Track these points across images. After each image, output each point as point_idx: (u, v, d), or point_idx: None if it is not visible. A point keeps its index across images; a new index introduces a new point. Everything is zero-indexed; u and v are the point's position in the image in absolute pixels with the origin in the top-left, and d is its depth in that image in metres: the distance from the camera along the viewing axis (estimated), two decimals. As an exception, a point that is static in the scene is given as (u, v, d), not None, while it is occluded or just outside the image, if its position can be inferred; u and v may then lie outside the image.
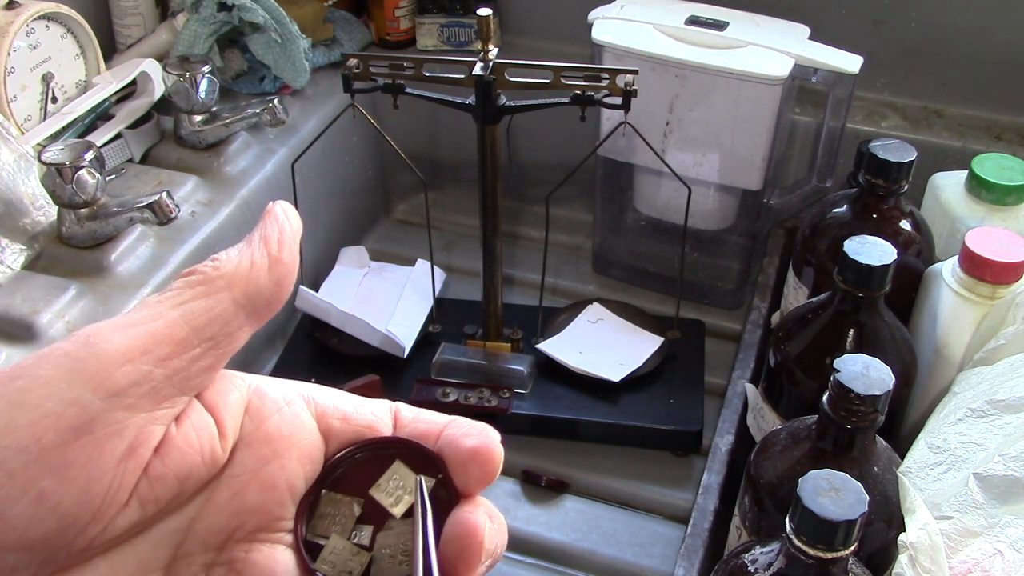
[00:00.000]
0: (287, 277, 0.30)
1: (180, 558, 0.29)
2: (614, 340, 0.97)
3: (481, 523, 0.29)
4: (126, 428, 0.26)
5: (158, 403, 0.27)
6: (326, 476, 0.31)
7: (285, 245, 0.30)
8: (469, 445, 0.30)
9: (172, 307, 0.28)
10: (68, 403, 0.26)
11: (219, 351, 0.28)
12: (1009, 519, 0.53)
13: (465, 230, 1.20)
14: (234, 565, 0.29)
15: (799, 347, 0.71)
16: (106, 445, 0.26)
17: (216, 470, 0.29)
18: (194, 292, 0.28)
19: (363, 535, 0.31)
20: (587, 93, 0.80)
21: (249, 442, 0.30)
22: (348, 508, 0.31)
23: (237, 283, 0.29)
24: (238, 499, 0.29)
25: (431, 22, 1.14)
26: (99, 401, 0.26)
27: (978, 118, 1.04)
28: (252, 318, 0.29)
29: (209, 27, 0.98)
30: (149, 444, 0.27)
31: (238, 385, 0.30)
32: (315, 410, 0.31)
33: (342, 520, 0.31)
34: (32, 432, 0.25)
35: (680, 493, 0.89)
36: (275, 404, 0.30)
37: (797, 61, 0.89)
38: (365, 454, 0.31)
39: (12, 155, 0.80)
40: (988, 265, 0.70)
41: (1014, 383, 0.60)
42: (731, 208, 1.02)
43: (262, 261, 0.29)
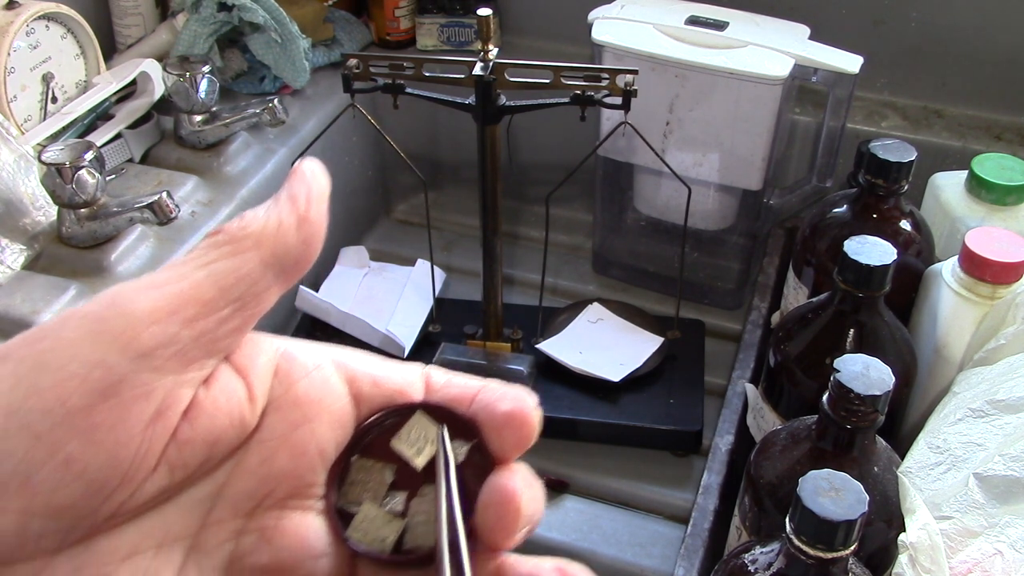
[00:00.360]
0: (315, 236, 0.29)
1: (209, 525, 0.28)
2: (614, 340, 0.97)
3: (519, 489, 0.28)
4: (154, 391, 0.26)
5: (186, 366, 0.26)
6: (357, 442, 0.30)
7: (313, 203, 0.29)
8: (504, 409, 0.29)
9: (198, 267, 0.27)
10: (93, 365, 0.25)
11: (247, 312, 0.28)
12: (1009, 519, 0.53)
13: (465, 230, 1.20)
14: (264, 533, 0.28)
15: (799, 347, 0.71)
16: (133, 408, 0.25)
17: (245, 435, 0.28)
18: (221, 252, 0.27)
19: (396, 502, 0.30)
20: (587, 93, 0.80)
21: (278, 406, 0.29)
22: (380, 474, 0.30)
23: (265, 242, 0.28)
24: (268, 465, 0.28)
25: (431, 22, 1.14)
26: (126, 363, 0.25)
27: (978, 118, 1.04)
28: (280, 278, 0.28)
29: (209, 27, 0.98)
30: (177, 408, 0.26)
31: (266, 348, 0.29)
32: (345, 374, 0.30)
33: (374, 487, 0.30)
34: (57, 394, 0.25)
35: (680, 493, 0.89)
36: (304, 368, 0.29)
37: (797, 61, 0.89)
38: (396, 419, 0.30)
39: (12, 155, 0.80)
40: (988, 265, 0.70)
41: (1014, 383, 0.60)
42: (731, 208, 1.02)
43: (290, 220, 0.28)
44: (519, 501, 0.28)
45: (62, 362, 0.25)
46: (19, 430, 0.24)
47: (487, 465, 0.29)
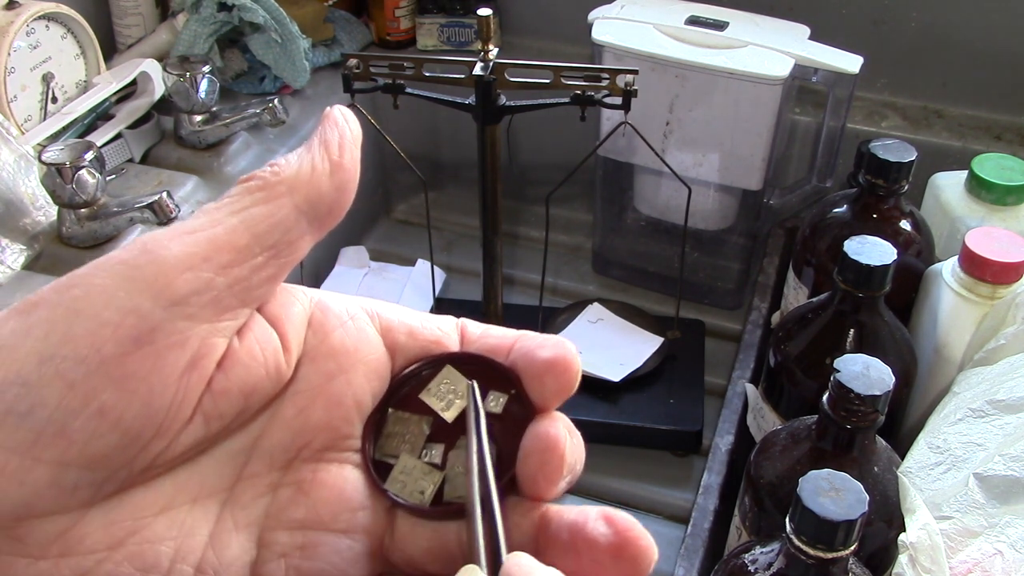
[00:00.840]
0: (349, 183, 0.29)
1: (246, 478, 0.28)
2: (614, 340, 0.97)
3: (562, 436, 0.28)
4: (188, 339, 0.25)
5: (220, 314, 0.26)
6: (393, 393, 0.29)
7: (346, 149, 0.29)
8: (544, 356, 0.28)
9: (231, 213, 0.26)
10: (127, 312, 0.24)
11: (281, 260, 0.27)
12: (1009, 519, 0.53)
13: (465, 230, 1.20)
14: (302, 485, 0.28)
15: (799, 347, 0.71)
16: (168, 356, 0.25)
17: (280, 385, 0.28)
18: (254, 198, 0.27)
19: (434, 453, 0.29)
20: (587, 93, 0.80)
21: (313, 357, 0.28)
22: (417, 426, 0.29)
23: (298, 188, 0.27)
24: (304, 416, 0.28)
25: (431, 22, 1.14)
26: (159, 310, 0.25)
27: (978, 118, 1.04)
28: (314, 225, 0.28)
29: (209, 27, 0.98)
30: (212, 356, 0.26)
31: (300, 298, 0.29)
32: (380, 325, 0.30)
33: (411, 439, 0.29)
34: (91, 342, 0.24)
35: (680, 493, 0.89)
36: (339, 318, 0.29)
37: (797, 61, 0.89)
38: (432, 370, 0.30)
39: (12, 155, 0.80)
40: (988, 265, 0.70)
41: (1014, 383, 0.60)
42: (731, 208, 1.02)
43: (323, 166, 0.28)
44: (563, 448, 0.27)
45: (95, 309, 0.24)
46: (53, 378, 0.24)
47: (527, 415, 0.29)
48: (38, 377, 0.24)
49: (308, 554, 0.27)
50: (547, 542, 0.27)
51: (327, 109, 0.30)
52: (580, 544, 0.27)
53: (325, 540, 0.27)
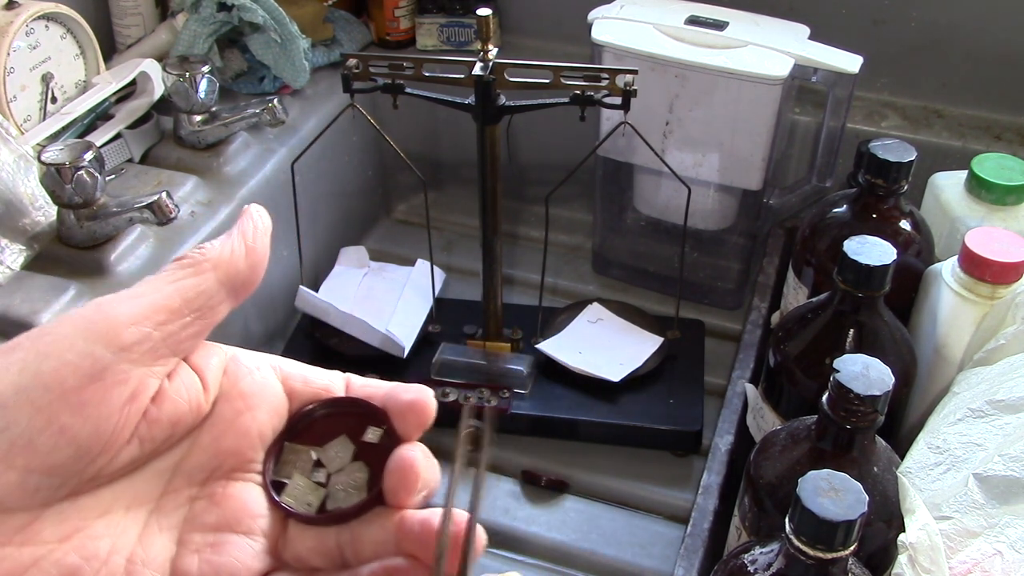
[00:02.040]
0: (260, 264, 0.36)
1: (169, 492, 0.35)
2: (614, 340, 0.97)
3: (417, 458, 0.35)
4: (130, 378, 0.32)
5: (155, 360, 0.33)
6: (289, 429, 0.37)
7: (259, 237, 0.36)
8: (407, 399, 0.36)
9: (168, 283, 0.34)
10: (84, 355, 0.32)
11: (205, 321, 0.34)
12: (1009, 519, 0.53)
13: (465, 230, 1.20)
14: (214, 498, 0.35)
15: (799, 347, 0.71)
16: (114, 391, 0.32)
17: (200, 418, 0.35)
18: (185, 272, 0.34)
19: (320, 476, 0.37)
20: (587, 93, 0.80)
21: (227, 397, 0.36)
22: (307, 455, 0.37)
23: (220, 266, 0.35)
24: (217, 443, 0.35)
25: (431, 22, 1.14)
26: (109, 355, 0.32)
27: (978, 118, 1.04)
28: (231, 295, 0.35)
29: (209, 27, 0.98)
30: (147, 393, 0.33)
31: (218, 352, 0.36)
32: (280, 374, 0.37)
33: (302, 464, 0.37)
34: (55, 377, 0.31)
35: (680, 493, 0.89)
36: (248, 368, 0.36)
37: (797, 61, 0.89)
38: (323, 411, 0.37)
39: (12, 155, 0.80)
40: (988, 265, 0.70)
41: (1014, 383, 0.60)
42: (731, 208, 1.02)
43: (240, 250, 0.35)
44: (417, 467, 0.35)
45: (60, 352, 0.31)
46: (25, 404, 0.31)
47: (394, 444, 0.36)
48: (14, 402, 0.31)
49: (217, 551, 0.34)
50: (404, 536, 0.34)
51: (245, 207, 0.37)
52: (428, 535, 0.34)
53: (231, 540, 0.34)
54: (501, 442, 0.94)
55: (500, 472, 0.92)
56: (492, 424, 0.37)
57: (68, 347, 0.31)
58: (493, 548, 0.86)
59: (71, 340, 0.32)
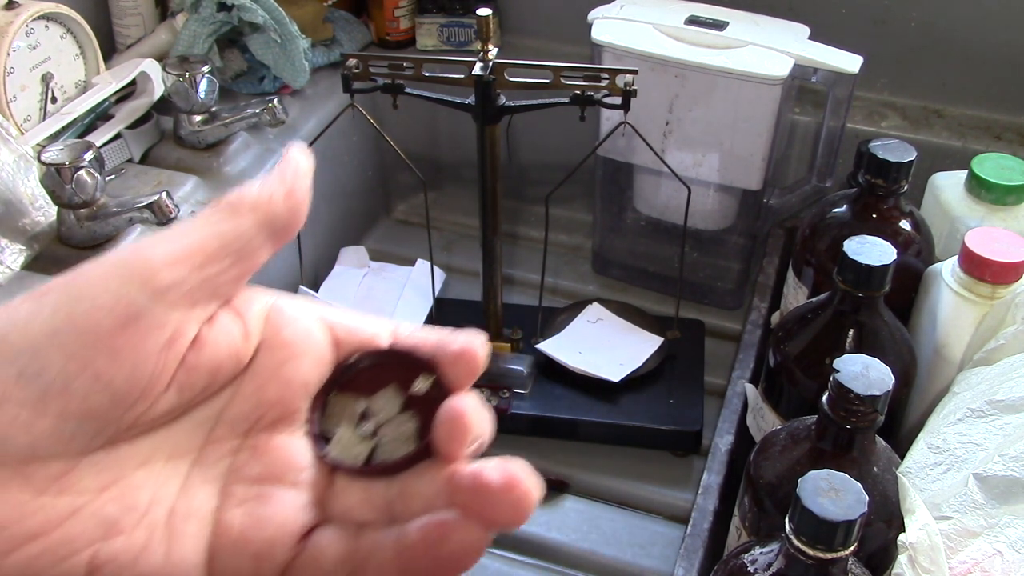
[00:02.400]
0: (300, 206, 0.34)
1: (211, 442, 0.34)
2: (614, 340, 0.97)
3: (468, 408, 0.33)
4: (167, 323, 0.31)
5: (193, 304, 0.32)
6: (335, 380, 0.35)
7: (299, 179, 0.35)
8: (456, 347, 0.35)
9: (205, 226, 0.33)
10: (119, 298, 0.30)
11: (244, 265, 0.33)
12: (1009, 519, 0.53)
13: (465, 230, 1.20)
14: (257, 449, 0.34)
15: (799, 347, 0.71)
16: (150, 335, 0.31)
17: (241, 367, 0.34)
18: (223, 215, 0.33)
19: (367, 427, 0.35)
20: (587, 93, 0.80)
21: (269, 346, 0.34)
22: (354, 406, 0.35)
23: (259, 208, 0.33)
24: (260, 393, 0.34)
25: (431, 22, 1.14)
26: (145, 298, 0.31)
27: (978, 118, 1.04)
28: (271, 239, 0.34)
29: (209, 27, 0.98)
30: (186, 338, 0.32)
31: (260, 299, 0.35)
32: (325, 323, 0.36)
33: (349, 416, 0.35)
34: (89, 321, 0.30)
35: (680, 493, 0.89)
36: (291, 316, 0.35)
37: (797, 61, 0.89)
38: (369, 361, 0.36)
39: (12, 155, 0.80)
40: (988, 265, 0.70)
41: (1014, 383, 0.60)
42: (731, 208, 1.02)
43: (279, 192, 0.34)
44: (468, 418, 0.33)
45: (94, 295, 0.31)
46: (59, 348, 0.30)
47: (444, 395, 0.34)
48: (47, 347, 0.30)
49: (262, 503, 0.33)
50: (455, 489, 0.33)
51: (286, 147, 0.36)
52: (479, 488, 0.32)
53: (276, 492, 0.33)
54: (501, 442, 0.94)
55: (500, 472, 0.92)
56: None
57: (102, 290, 0.31)
58: (493, 548, 0.86)
59: (105, 282, 0.31)
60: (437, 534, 0.32)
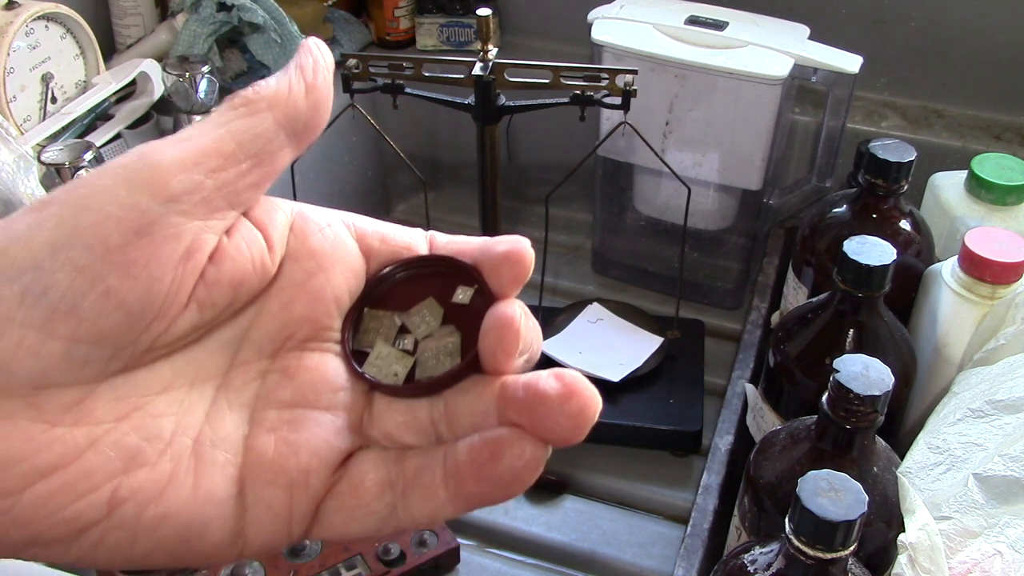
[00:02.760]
0: (323, 102, 0.31)
1: (237, 365, 0.31)
2: (614, 340, 0.97)
3: (516, 315, 0.30)
4: (182, 232, 0.28)
5: (210, 212, 0.29)
6: (369, 293, 0.33)
7: (320, 73, 0.31)
8: (500, 250, 0.31)
9: (219, 125, 0.30)
10: (128, 207, 0.28)
11: (264, 168, 0.30)
12: (1009, 519, 0.53)
13: (465, 230, 1.19)
14: (288, 371, 0.31)
15: (799, 347, 0.71)
16: (165, 247, 0.28)
17: (266, 281, 0.31)
18: (238, 112, 0.30)
19: (406, 343, 0.32)
20: (587, 93, 0.80)
21: (295, 257, 0.31)
22: (390, 321, 0.33)
23: (277, 105, 0.30)
24: (288, 309, 0.31)
25: (431, 22, 1.14)
26: (156, 206, 0.28)
27: (978, 118, 1.04)
28: (292, 139, 0.31)
29: (209, 27, 0.98)
30: (204, 250, 0.29)
31: (283, 207, 0.32)
32: (355, 232, 0.33)
33: (385, 331, 0.33)
34: (96, 232, 0.27)
35: (680, 493, 0.89)
36: (318, 224, 0.32)
37: (797, 61, 0.89)
38: (405, 272, 0.33)
39: (12, 155, 0.80)
40: (988, 265, 0.69)
41: (1014, 383, 0.60)
42: (731, 208, 1.02)
43: (299, 87, 0.31)
44: (517, 325, 0.30)
45: (100, 204, 0.28)
46: (64, 264, 0.27)
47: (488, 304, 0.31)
48: (51, 263, 0.27)
49: (295, 427, 0.30)
50: (506, 403, 0.30)
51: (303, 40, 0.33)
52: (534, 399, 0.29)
53: (310, 416, 0.31)
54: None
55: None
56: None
57: (110, 199, 0.28)
58: (493, 548, 0.86)
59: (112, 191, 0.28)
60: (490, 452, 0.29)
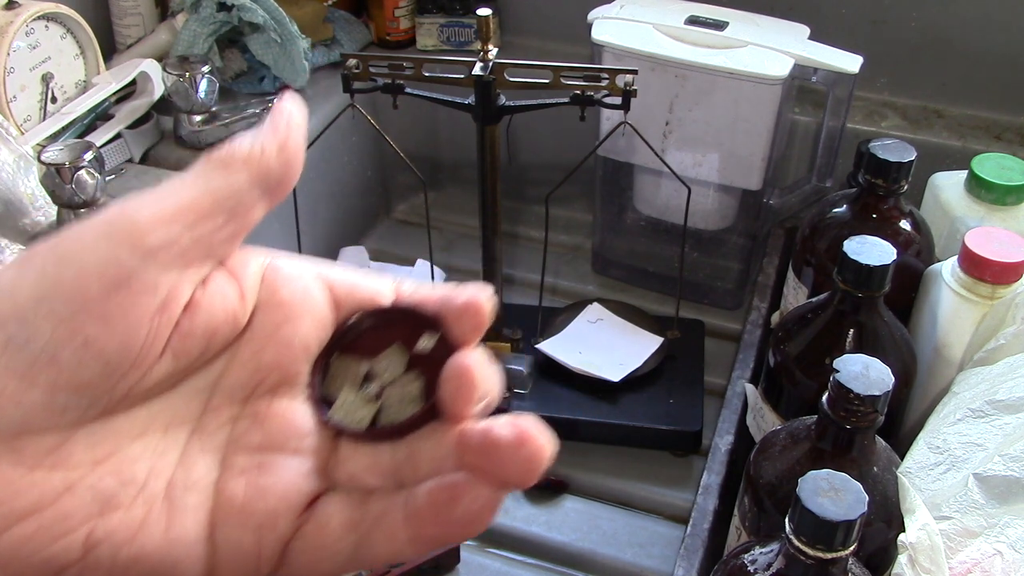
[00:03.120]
0: (294, 159, 0.33)
1: (210, 411, 0.33)
2: (614, 340, 0.97)
3: (474, 363, 0.32)
4: (159, 285, 0.30)
5: (186, 264, 0.30)
6: (337, 341, 0.34)
7: (292, 131, 0.33)
8: (461, 300, 0.33)
9: (196, 181, 0.31)
10: (107, 261, 0.29)
11: (238, 223, 0.32)
12: (1009, 519, 0.53)
13: (465, 230, 1.20)
14: (257, 417, 0.33)
15: (799, 347, 0.71)
16: (141, 299, 0.29)
17: (238, 330, 0.32)
18: (215, 170, 0.32)
19: (372, 389, 0.34)
20: (587, 93, 0.80)
21: (266, 308, 0.33)
22: (357, 368, 0.34)
23: (252, 163, 0.32)
24: (258, 357, 0.33)
25: (431, 22, 1.14)
26: (134, 260, 0.29)
27: (978, 118, 1.04)
28: (265, 195, 0.32)
29: (209, 27, 0.98)
30: (179, 301, 0.30)
31: (255, 258, 0.33)
32: (324, 282, 0.34)
33: (352, 378, 0.34)
34: (77, 285, 0.29)
35: (680, 493, 0.89)
36: (288, 276, 0.34)
37: (797, 61, 0.89)
38: (371, 321, 0.34)
39: (12, 155, 0.80)
40: (988, 265, 0.70)
41: (1014, 383, 0.60)
42: (731, 208, 1.02)
43: (272, 145, 0.32)
44: (474, 374, 0.32)
45: (81, 258, 0.29)
46: (46, 315, 0.28)
47: (449, 352, 0.33)
48: (33, 314, 0.28)
49: (264, 471, 0.32)
50: (464, 449, 0.31)
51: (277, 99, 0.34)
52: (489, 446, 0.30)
53: (279, 460, 0.32)
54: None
55: (500, 472, 0.92)
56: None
57: (90, 253, 0.29)
58: (493, 548, 0.86)
59: (93, 245, 0.29)
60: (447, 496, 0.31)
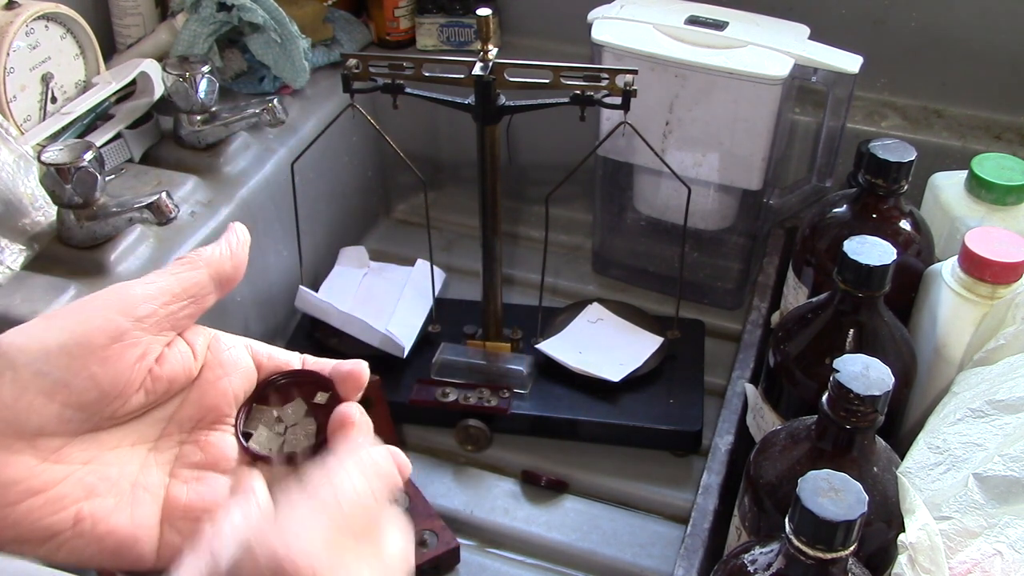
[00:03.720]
0: (240, 266, 0.47)
1: (165, 435, 0.46)
2: (614, 340, 0.97)
3: (353, 413, 0.46)
4: (141, 342, 0.43)
5: (160, 331, 0.44)
6: (257, 393, 0.48)
7: (240, 246, 0.47)
8: (346, 369, 0.48)
9: (171, 274, 0.45)
10: (109, 321, 0.42)
11: (197, 305, 0.45)
12: (1009, 519, 0.53)
13: (465, 230, 1.20)
14: (198, 443, 0.46)
15: (799, 347, 0.71)
16: (129, 350, 0.42)
17: (190, 380, 0.46)
18: (184, 267, 0.45)
19: (280, 428, 0.48)
20: (587, 93, 0.80)
21: (210, 366, 0.46)
22: (270, 413, 0.48)
23: (211, 265, 0.46)
24: (202, 400, 0.46)
25: (431, 22, 1.14)
26: (127, 323, 0.42)
27: (978, 118, 1.04)
28: (218, 288, 0.46)
29: (209, 27, 0.98)
30: (153, 355, 0.44)
31: (204, 332, 0.47)
32: (251, 351, 0.48)
33: (266, 420, 0.48)
34: (87, 337, 0.42)
35: (680, 493, 0.89)
36: (226, 344, 0.47)
37: (797, 61, 0.89)
38: (283, 380, 0.48)
39: (12, 155, 0.80)
40: (988, 265, 0.70)
41: (1014, 383, 0.60)
42: (731, 208, 1.02)
43: (226, 253, 0.46)
44: (353, 419, 0.46)
45: (90, 319, 0.42)
46: (65, 355, 0.41)
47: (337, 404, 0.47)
48: (56, 354, 0.41)
49: (201, 483, 0.45)
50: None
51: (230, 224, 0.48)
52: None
53: (211, 476, 0.45)
54: (501, 442, 0.94)
55: (500, 472, 0.92)
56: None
57: (97, 316, 0.42)
58: (493, 548, 0.86)
59: (100, 311, 0.42)
60: None
